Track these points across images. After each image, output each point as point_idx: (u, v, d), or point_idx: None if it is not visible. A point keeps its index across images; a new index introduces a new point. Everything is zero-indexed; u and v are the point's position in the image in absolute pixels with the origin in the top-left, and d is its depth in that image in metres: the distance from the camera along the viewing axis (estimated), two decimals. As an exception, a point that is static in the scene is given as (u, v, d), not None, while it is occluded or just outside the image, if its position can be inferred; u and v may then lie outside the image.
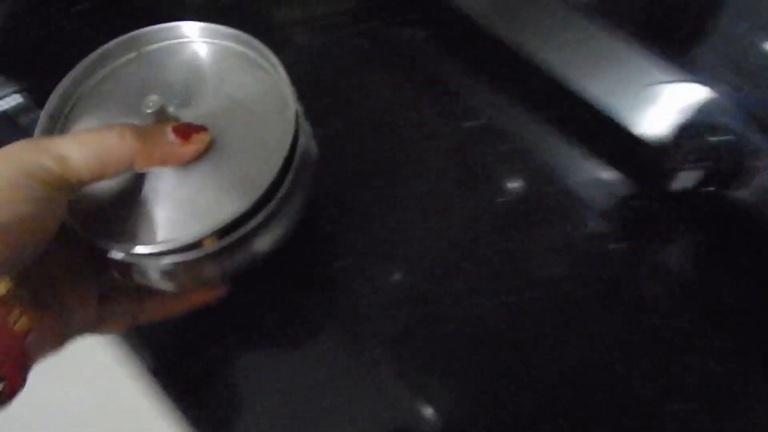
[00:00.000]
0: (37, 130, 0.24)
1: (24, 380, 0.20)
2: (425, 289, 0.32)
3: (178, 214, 0.23)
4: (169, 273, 0.24)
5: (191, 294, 0.29)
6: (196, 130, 0.23)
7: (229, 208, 0.22)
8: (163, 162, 0.22)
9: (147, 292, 0.27)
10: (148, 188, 0.23)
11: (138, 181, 0.24)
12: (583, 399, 0.29)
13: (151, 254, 0.22)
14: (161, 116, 0.23)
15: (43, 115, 0.25)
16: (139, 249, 0.22)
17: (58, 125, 0.25)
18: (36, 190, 0.19)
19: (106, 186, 0.24)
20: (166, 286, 0.25)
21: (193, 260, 0.23)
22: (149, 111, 0.22)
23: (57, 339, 0.23)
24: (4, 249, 0.18)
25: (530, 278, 0.32)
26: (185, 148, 0.22)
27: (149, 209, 0.23)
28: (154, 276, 0.24)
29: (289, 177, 0.24)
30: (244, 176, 0.23)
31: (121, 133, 0.21)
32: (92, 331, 0.25)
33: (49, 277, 0.23)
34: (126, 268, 0.24)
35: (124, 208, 0.23)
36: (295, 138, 0.24)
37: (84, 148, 0.20)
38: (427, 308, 0.31)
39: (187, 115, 0.24)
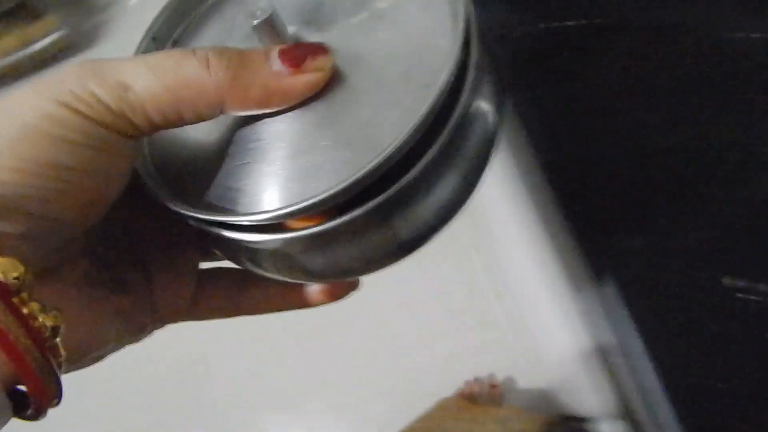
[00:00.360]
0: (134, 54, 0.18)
1: (57, 390, 0.13)
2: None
3: (291, 172, 0.15)
4: (277, 253, 0.17)
5: (313, 285, 0.21)
6: (312, 52, 0.15)
7: (361, 165, 0.14)
8: (265, 101, 0.15)
9: (253, 277, 0.20)
10: (249, 138, 0.16)
11: (234, 128, 0.17)
12: None
13: (252, 226, 0.15)
14: (272, 34, 0.16)
15: (146, 35, 0.19)
16: (235, 219, 0.15)
17: None
18: (84, 130, 0.13)
19: (192, 135, 0.17)
20: (274, 271, 0.18)
21: (310, 237, 0.16)
22: (255, 22, 0.15)
23: (140, 326, 0.18)
24: (30, 212, 0.13)
25: None
26: (295, 79, 0.15)
27: (253, 167, 0.16)
28: (260, 257, 0.17)
29: (452, 123, 0.15)
30: (383, 120, 0.15)
31: (204, 59, 0.14)
32: (183, 319, 0.20)
33: (130, 251, 0.19)
34: (223, 244, 0.17)
35: (215, 165, 0.16)
36: (462, 69, 0.15)
37: (153, 77, 0.14)
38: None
39: (313, 37, 0.17)
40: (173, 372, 1.00)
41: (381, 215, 0.15)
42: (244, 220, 0.15)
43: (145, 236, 0.19)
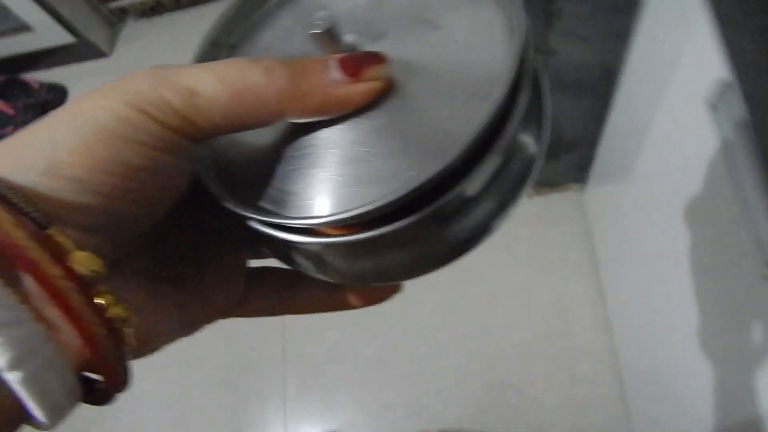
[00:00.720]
0: (193, 60, 0.19)
1: (125, 376, 0.14)
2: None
3: (344, 178, 0.16)
4: (325, 256, 0.17)
5: (358, 289, 0.22)
6: (369, 61, 0.16)
7: (416, 172, 0.15)
8: (323, 109, 0.16)
9: (300, 278, 0.20)
10: (305, 143, 0.17)
11: (291, 133, 0.17)
12: None
13: (303, 229, 0.16)
14: (330, 43, 0.16)
15: (204, 40, 0.19)
16: (291, 222, 0.16)
17: (222, 56, 0.20)
18: (152, 132, 0.14)
19: (249, 138, 0.18)
20: (321, 272, 0.18)
21: (360, 241, 0.16)
22: (315, 31, 0.16)
23: (193, 320, 0.19)
24: (103, 209, 0.14)
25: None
26: (353, 88, 0.16)
27: (307, 172, 0.16)
28: (308, 258, 0.18)
29: (509, 133, 0.15)
30: (438, 129, 0.15)
31: (268, 69, 0.15)
32: (233, 315, 0.21)
33: (186, 248, 0.19)
34: (275, 244, 0.18)
35: (271, 168, 0.17)
36: (517, 80, 0.15)
37: (219, 83, 0.15)
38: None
39: (369, 46, 0.17)
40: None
41: (436, 222, 0.16)
42: (297, 222, 0.16)
43: (199, 234, 0.20)
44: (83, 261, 0.13)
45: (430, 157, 0.15)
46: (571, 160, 0.89)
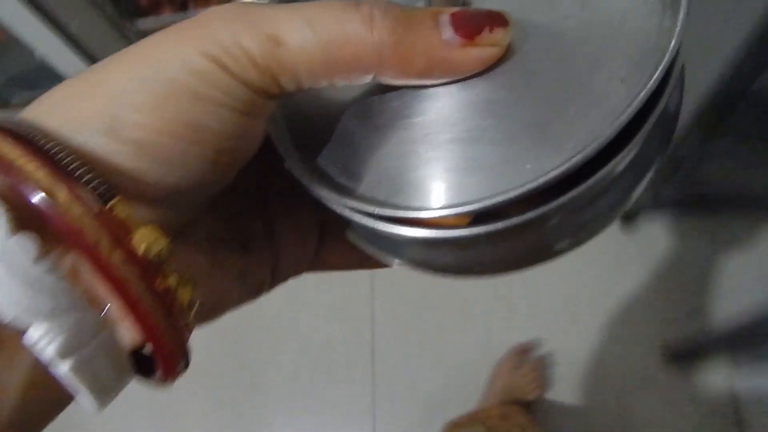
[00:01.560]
0: None
1: (186, 356, 0.13)
2: None
3: (451, 162, 0.13)
4: (418, 247, 0.16)
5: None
6: (490, 21, 0.13)
7: (531, 164, 0.12)
8: (426, 73, 0.13)
9: None
10: (396, 110, 0.14)
11: (381, 94, 0.14)
12: None
13: (400, 220, 0.14)
14: None
15: None
16: (398, 213, 0.13)
17: None
18: (228, 89, 0.12)
19: (328, 95, 0.15)
20: (406, 261, 0.16)
21: (459, 239, 0.13)
22: None
23: (260, 284, 0.18)
24: (169, 177, 0.12)
25: None
26: (467, 52, 0.13)
27: (398, 147, 0.14)
28: (397, 248, 0.16)
29: (648, 126, 0.12)
30: (559, 113, 0.13)
31: (368, 16, 0.12)
32: (305, 272, 0.19)
33: (255, 207, 0.18)
34: (363, 230, 0.16)
35: (355, 137, 0.14)
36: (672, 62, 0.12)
37: (311, 32, 0.12)
38: None
39: (489, 3, 0.14)
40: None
41: (554, 217, 0.14)
42: (404, 214, 0.13)
43: (271, 192, 0.18)
44: (148, 238, 0.11)
45: (546, 146, 0.12)
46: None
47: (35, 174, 0.10)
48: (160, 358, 0.12)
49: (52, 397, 0.12)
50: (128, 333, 0.12)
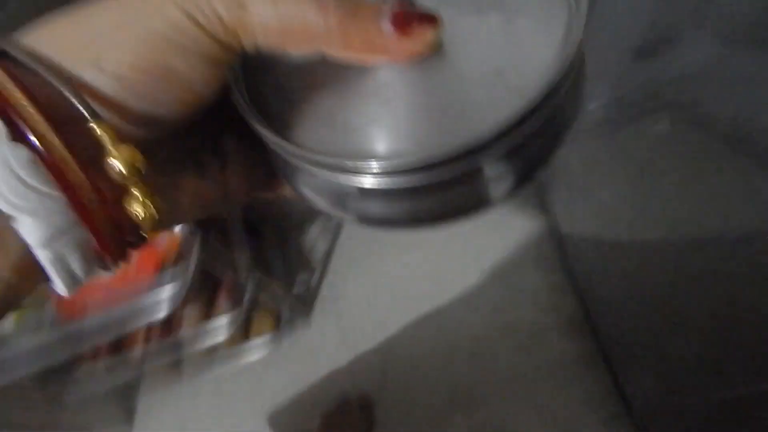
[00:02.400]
0: None
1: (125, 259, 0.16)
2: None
3: (364, 118, 0.16)
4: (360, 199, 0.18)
5: None
6: (422, 20, 0.16)
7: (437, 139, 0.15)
8: (362, 56, 0.16)
9: None
10: (337, 75, 0.17)
11: (327, 63, 0.17)
12: None
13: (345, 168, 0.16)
14: None
15: None
16: (349, 163, 0.15)
17: None
18: (199, 41, 0.15)
19: (292, 66, 0.18)
20: (346, 212, 0.19)
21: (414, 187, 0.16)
22: None
23: (210, 205, 0.20)
24: (141, 109, 0.15)
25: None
26: (400, 43, 0.16)
27: (334, 102, 0.17)
28: (334, 198, 0.18)
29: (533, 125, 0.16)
30: (461, 109, 0.16)
31: (322, 5, 0.15)
32: (256, 197, 0.22)
33: (210, 139, 0.20)
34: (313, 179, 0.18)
35: (303, 92, 0.17)
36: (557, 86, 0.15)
37: (271, 7, 0.15)
38: None
39: (428, 4, 0.17)
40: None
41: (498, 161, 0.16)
42: (353, 164, 0.15)
43: (225, 127, 0.21)
44: (126, 155, 0.14)
45: (446, 132, 0.15)
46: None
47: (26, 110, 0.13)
48: (97, 241, 0.15)
49: (32, 277, 0.15)
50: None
